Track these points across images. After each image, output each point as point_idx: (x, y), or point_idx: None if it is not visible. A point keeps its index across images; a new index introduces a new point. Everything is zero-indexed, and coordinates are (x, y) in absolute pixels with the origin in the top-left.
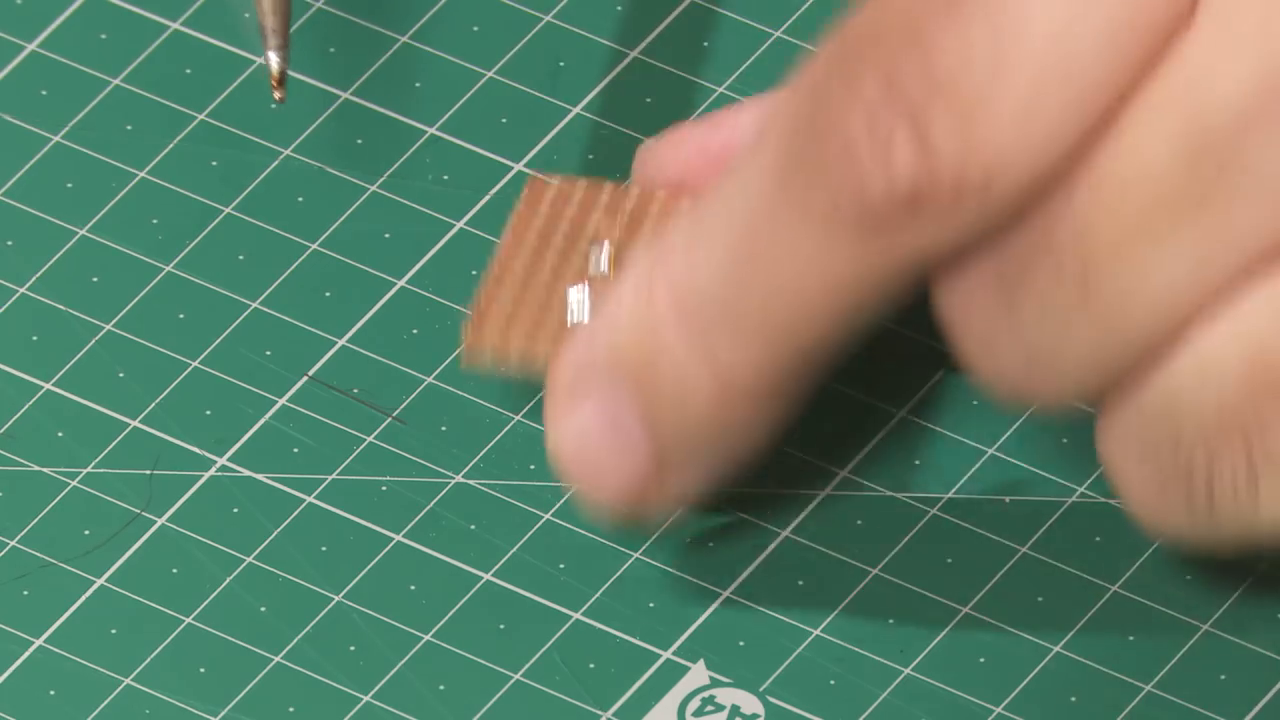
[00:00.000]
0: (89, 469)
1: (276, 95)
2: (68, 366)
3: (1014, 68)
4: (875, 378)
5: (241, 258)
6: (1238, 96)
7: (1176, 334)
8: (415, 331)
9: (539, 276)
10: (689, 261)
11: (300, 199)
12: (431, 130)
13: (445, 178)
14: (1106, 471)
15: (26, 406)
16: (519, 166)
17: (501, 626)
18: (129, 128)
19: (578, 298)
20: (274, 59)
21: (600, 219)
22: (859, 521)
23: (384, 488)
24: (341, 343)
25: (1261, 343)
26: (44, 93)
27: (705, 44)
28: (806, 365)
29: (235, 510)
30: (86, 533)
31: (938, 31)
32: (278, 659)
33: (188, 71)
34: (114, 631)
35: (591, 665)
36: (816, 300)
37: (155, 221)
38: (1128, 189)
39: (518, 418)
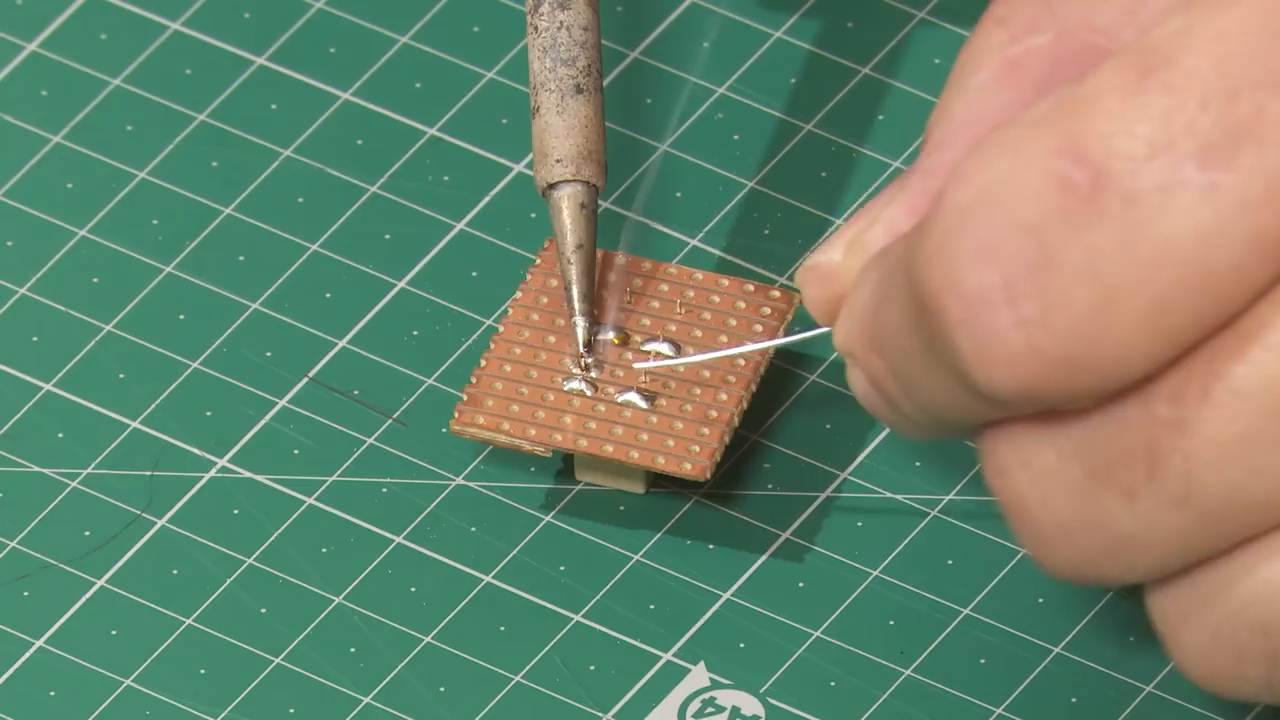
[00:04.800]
0: (89, 470)
1: (584, 363)
2: (68, 367)
3: (1144, 273)
4: None
5: (241, 258)
6: None
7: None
8: (415, 332)
9: (537, 359)
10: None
11: (300, 199)
12: (431, 130)
13: (445, 178)
14: (1160, 632)
15: (26, 407)
16: (519, 167)
17: (502, 628)
18: (129, 128)
19: (574, 386)
20: (580, 324)
21: (605, 298)
22: (859, 522)
23: (384, 489)
24: (342, 344)
25: None
26: (44, 93)
27: (706, 45)
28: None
29: (236, 512)
30: (87, 534)
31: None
32: (278, 660)
33: (188, 71)
34: (114, 633)
35: (592, 667)
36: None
37: (155, 221)
38: (1246, 397)
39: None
